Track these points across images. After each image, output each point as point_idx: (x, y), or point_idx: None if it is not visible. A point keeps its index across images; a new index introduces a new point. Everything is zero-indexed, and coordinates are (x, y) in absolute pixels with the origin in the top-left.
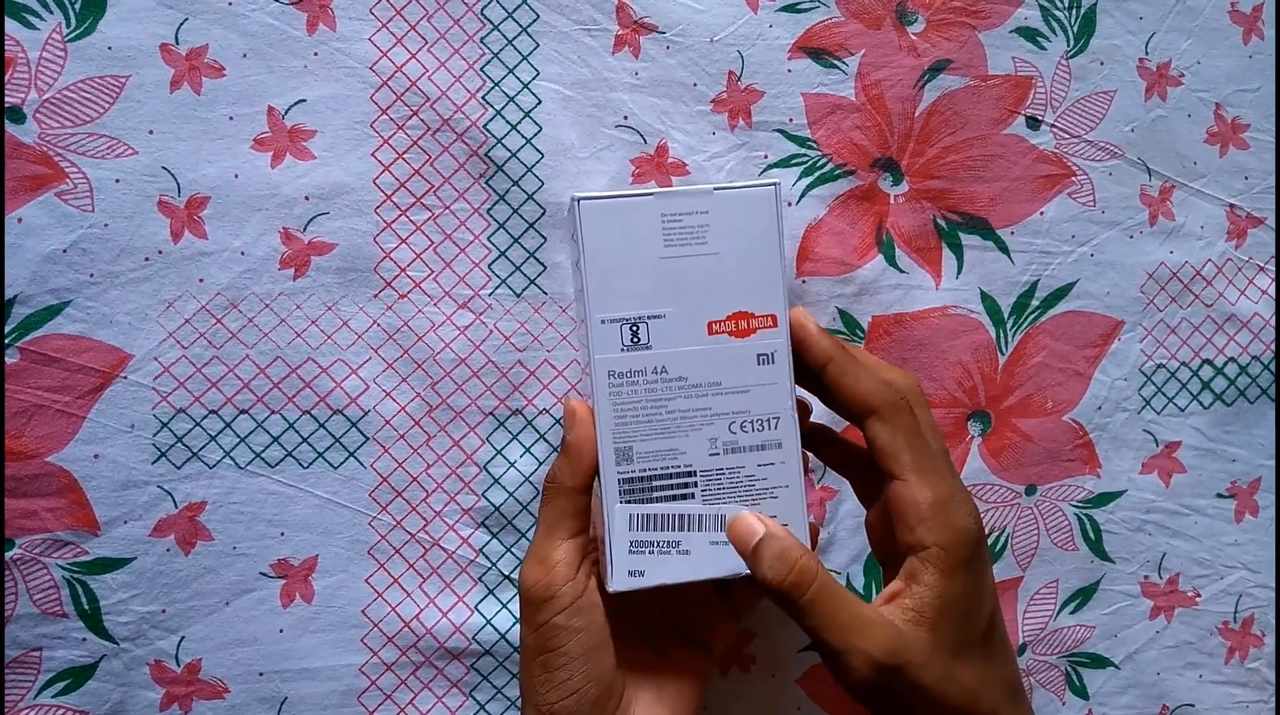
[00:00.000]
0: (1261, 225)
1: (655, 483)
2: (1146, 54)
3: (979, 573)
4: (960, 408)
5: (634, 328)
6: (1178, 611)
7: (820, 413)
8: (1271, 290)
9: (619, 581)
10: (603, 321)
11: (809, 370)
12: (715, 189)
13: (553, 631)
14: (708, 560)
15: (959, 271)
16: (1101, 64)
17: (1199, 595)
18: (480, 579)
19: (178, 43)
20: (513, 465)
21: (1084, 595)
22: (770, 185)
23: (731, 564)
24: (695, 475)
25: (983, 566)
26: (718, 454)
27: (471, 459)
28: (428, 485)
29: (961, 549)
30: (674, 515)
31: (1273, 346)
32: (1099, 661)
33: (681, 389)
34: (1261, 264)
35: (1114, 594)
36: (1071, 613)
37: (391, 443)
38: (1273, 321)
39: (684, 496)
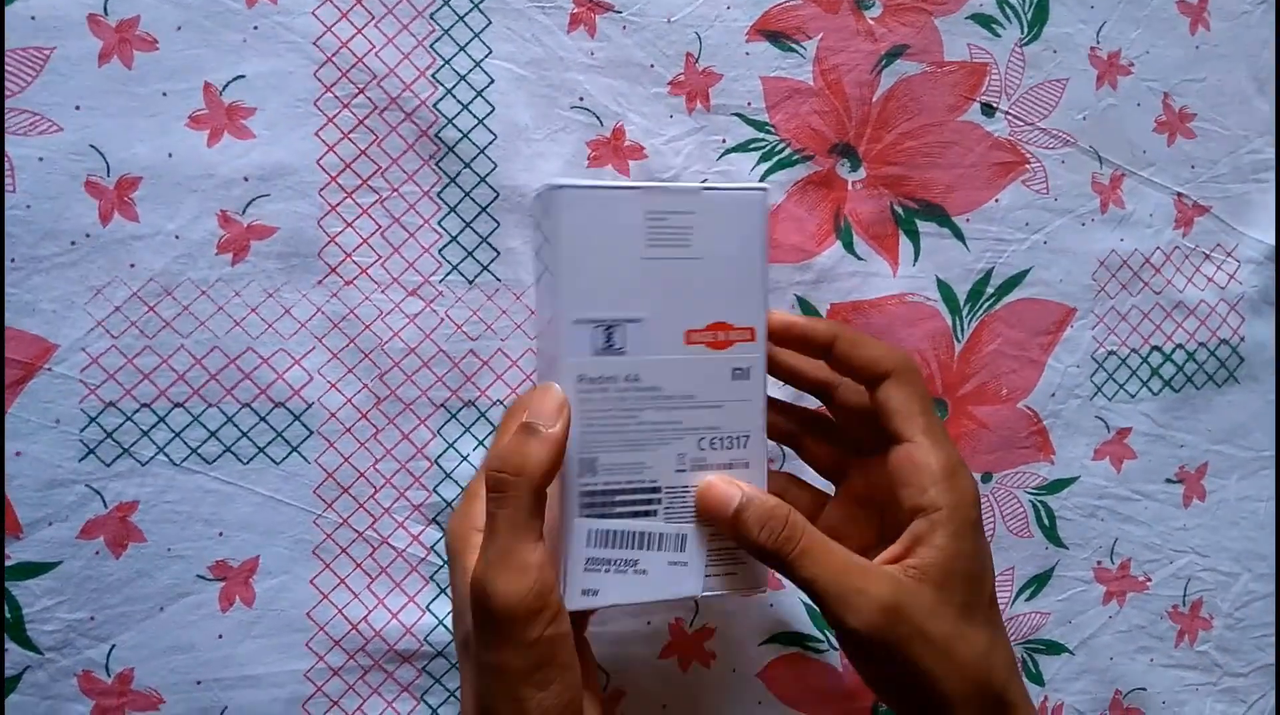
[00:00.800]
0: (1207, 214)
1: (618, 498)
2: (1098, 43)
3: (981, 538)
4: None
5: (609, 331)
6: (1129, 596)
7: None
8: (1219, 278)
9: (573, 601)
10: (576, 322)
11: (780, 365)
12: (703, 188)
13: (549, 645)
14: (665, 581)
15: (916, 258)
16: (1055, 52)
17: (1149, 580)
18: (431, 578)
19: (106, 13)
20: (465, 459)
21: (1039, 582)
22: (759, 190)
23: (689, 586)
24: (659, 491)
25: (983, 533)
26: (684, 470)
27: (422, 453)
28: (376, 481)
29: (969, 510)
30: (634, 533)
31: (1218, 333)
32: (1054, 648)
33: (654, 400)
34: (1208, 252)
35: (1068, 580)
36: (1027, 600)
37: (337, 437)
38: (1219, 308)
39: (646, 514)
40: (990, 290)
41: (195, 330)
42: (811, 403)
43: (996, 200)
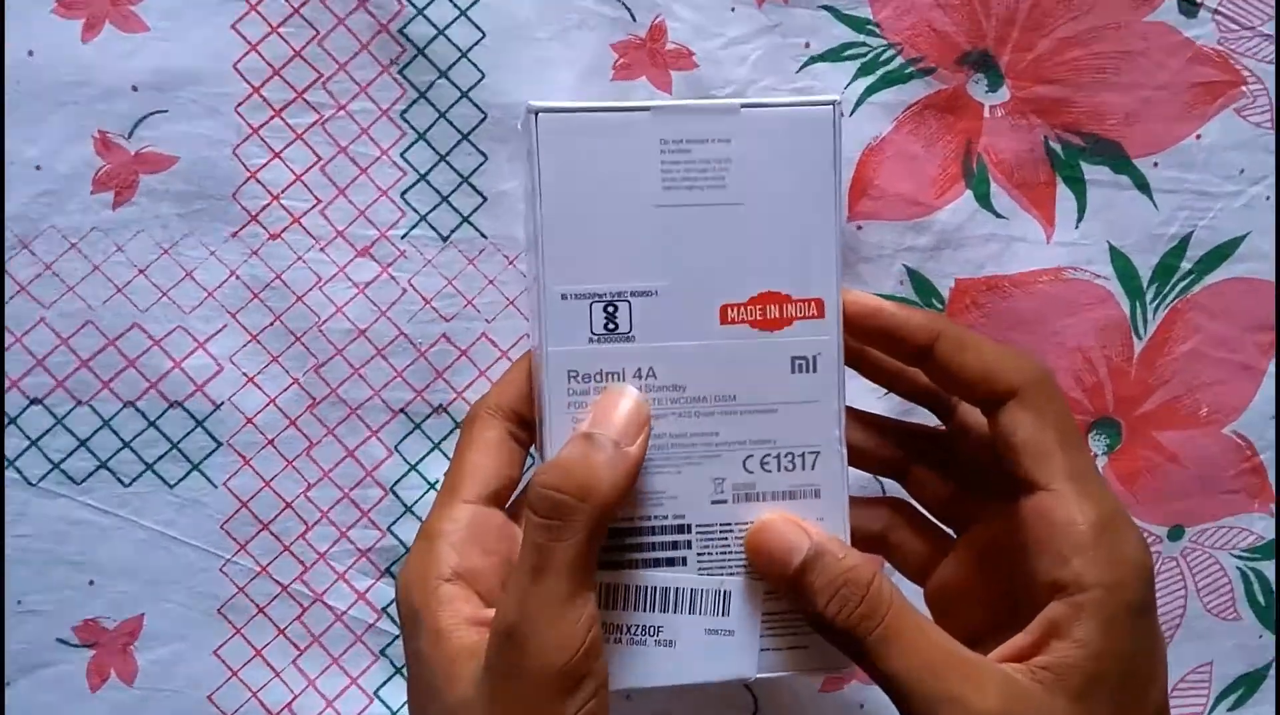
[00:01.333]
0: None
1: (630, 540)
2: None
3: (1149, 627)
4: (1079, 414)
5: (610, 308)
6: None
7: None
8: None
9: None
10: (564, 296)
11: (868, 365)
12: (743, 106)
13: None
14: (701, 657)
15: (1079, 218)
16: None
17: None
18: (382, 652)
19: None
20: (433, 486)
21: (1249, 684)
22: (827, 104)
23: (736, 664)
24: (689, 531)
25: (1154, 619)
26: (724, 501)
27: (373, 477)
28: (308, 515)
29: (1132, 590)
30: (655, 589)
31: None
32: None
33: (676, 404)
34: None
35: None
36: (1231, 709)
37: (255, 451)
38: None
39: (671, 562)
40: (1186, 265)
41: (61, 298)
42: (921, 417)
43: (1198, 137)
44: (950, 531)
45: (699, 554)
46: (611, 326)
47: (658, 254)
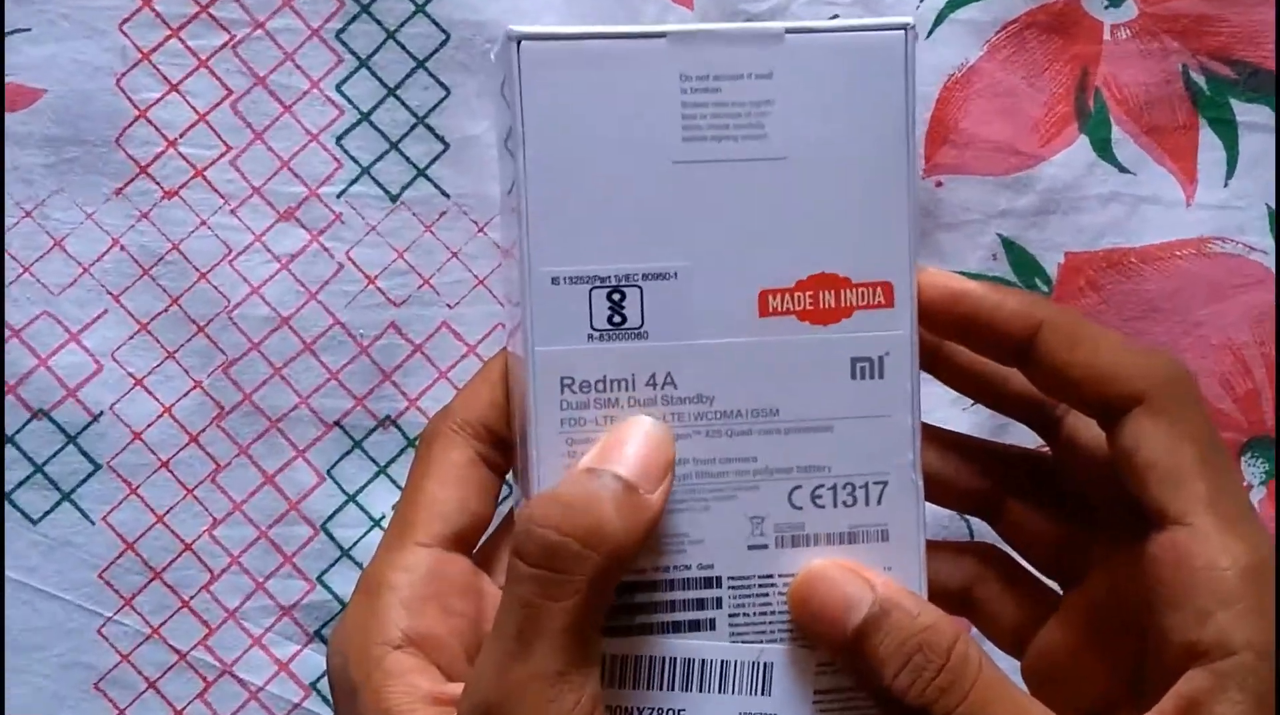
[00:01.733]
0: None
1: (642, 598)
2: None
3: None
4: (1228, 430)
5: (616, 295)
6: None
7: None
8: None
9: None
10: (555, 280)
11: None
12: (788, 31)
13: None
14: None
15: (1229, 173)
16: None
17: None
18: None
19: None
20: (378, 524)
21: None
22: (897, 28)
23: None
24: (720, 585)
25: None
26: (764, 546)
27: (298, 510)
28: (213, 560)
29: None
30: (676, 660)
31: None
32: None
33: (703, 420)
34: None
35: None
36: None
37: (144, 476)
38: None
39: (696, 625)
40: None
41: None
42: (1018, 432)
43: None
44: (1054, 586)
45: (731, 615)
46: (618, 319)
47: (678, 224)
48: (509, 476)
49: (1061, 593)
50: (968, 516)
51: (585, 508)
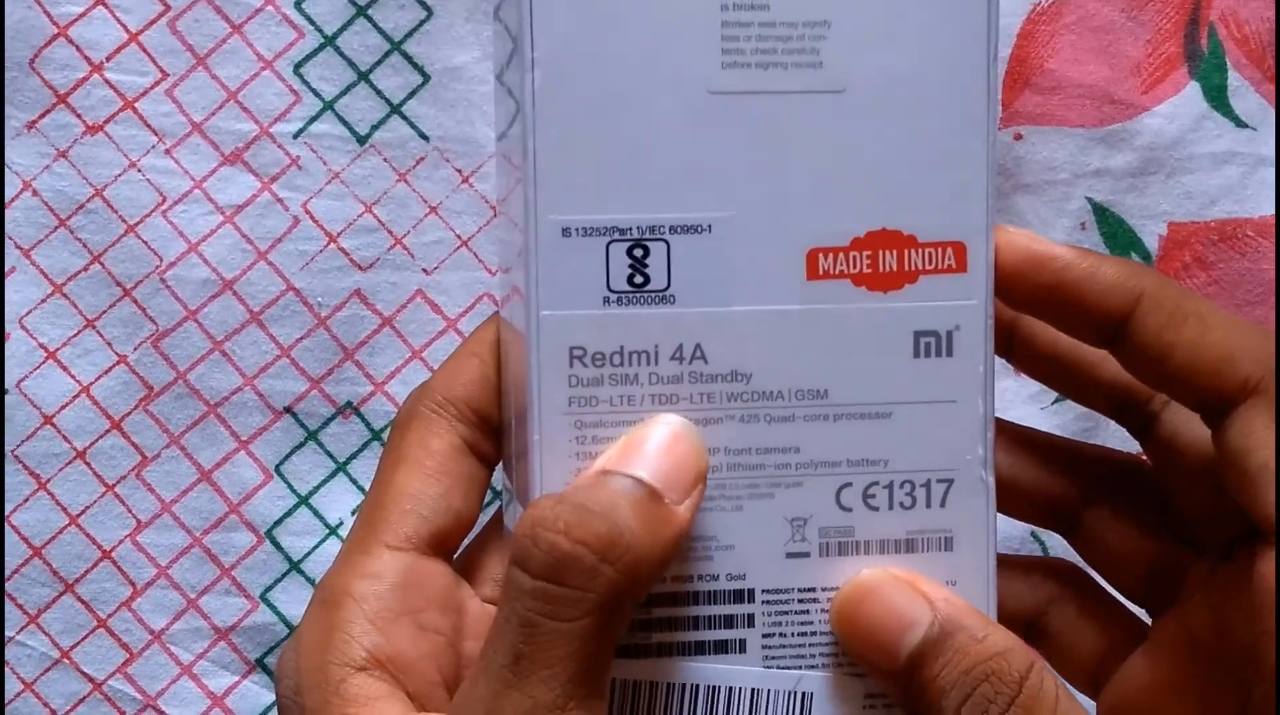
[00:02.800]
0: None
1: (660, 613)
2: None
3: None
4: None
5: (637, 251)
6: None
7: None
8: None
9: None
10: (566, 231)
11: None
12: None
13: None
14: None
15: None
16: None
17: None
18: None
19: None
20: (334, 532)
21: None
22: None
23: None
24: (752, 599)
25: None
26: (805, 555)
27: (239, 513)
28: (137, 571)
29: None
30: (699, 688)
31: None
32: None
33: (737, 402)
34: None
35: None
36: None
37: (55, 468)
38: None
39: (724, 646)
40: None
41: None
42: (1106, 434)
43: None
44: (1142, 613)
45: (765, 635)
46: (640, 280)
47: (712, 168)
48: (499, 472)
49: (1150, 621)
50: (1039, 531)
51: (602, 512)
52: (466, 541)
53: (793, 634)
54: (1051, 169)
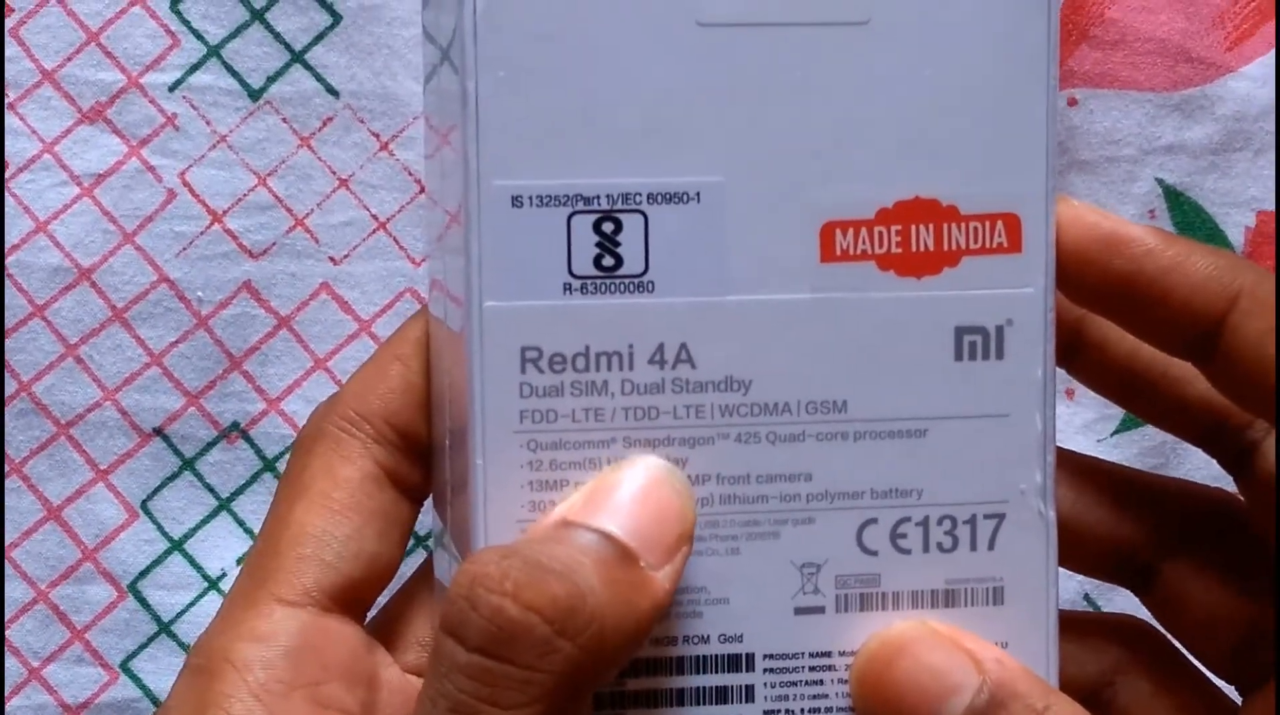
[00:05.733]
0: None
1: (634, 684)
2: None
3: None
4: None
5: (605, 225)
6: None
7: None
8: None
9: None
10: (516, 200)
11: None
12: None
13: None
14: None
15: None
16: None
17: None
18: None
19: None
20: (215, 586)
21: None
22: None
23: None
24: (752, 666)
25: None
26: (819, 609)
27: (95, 560)
28: None
29: None
30: None
31: None
32: None
33: (733, 417)
34: None
35: None
36: None
37: None
38: None
39: None
40: None
41: None
42: (1180, 473)
43: None
44: (1228, 688)
45: (768, 712)
46: (610, 262)
47: (703, 119)
48: (429, 503)
49: (1240, 699)
50: (1097, 587)
51: (562, 571)
52: (384, 597)
53: (802, 710)
54: (1114, 143)
